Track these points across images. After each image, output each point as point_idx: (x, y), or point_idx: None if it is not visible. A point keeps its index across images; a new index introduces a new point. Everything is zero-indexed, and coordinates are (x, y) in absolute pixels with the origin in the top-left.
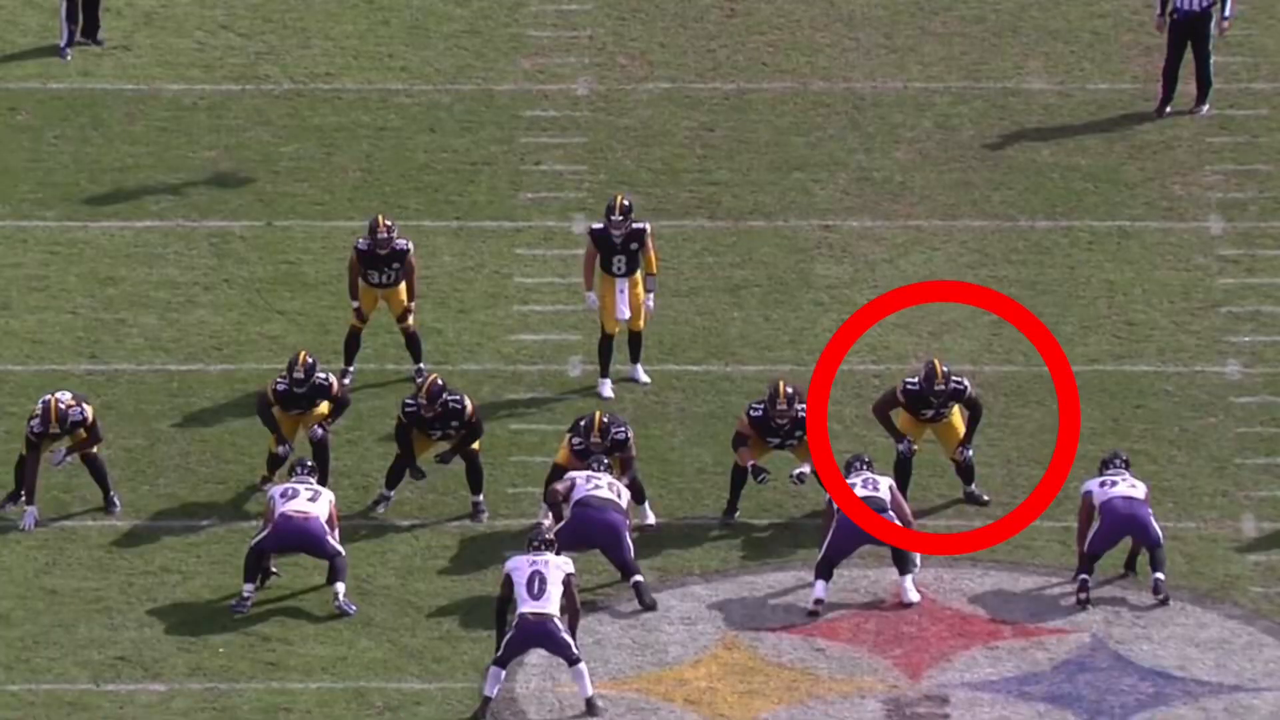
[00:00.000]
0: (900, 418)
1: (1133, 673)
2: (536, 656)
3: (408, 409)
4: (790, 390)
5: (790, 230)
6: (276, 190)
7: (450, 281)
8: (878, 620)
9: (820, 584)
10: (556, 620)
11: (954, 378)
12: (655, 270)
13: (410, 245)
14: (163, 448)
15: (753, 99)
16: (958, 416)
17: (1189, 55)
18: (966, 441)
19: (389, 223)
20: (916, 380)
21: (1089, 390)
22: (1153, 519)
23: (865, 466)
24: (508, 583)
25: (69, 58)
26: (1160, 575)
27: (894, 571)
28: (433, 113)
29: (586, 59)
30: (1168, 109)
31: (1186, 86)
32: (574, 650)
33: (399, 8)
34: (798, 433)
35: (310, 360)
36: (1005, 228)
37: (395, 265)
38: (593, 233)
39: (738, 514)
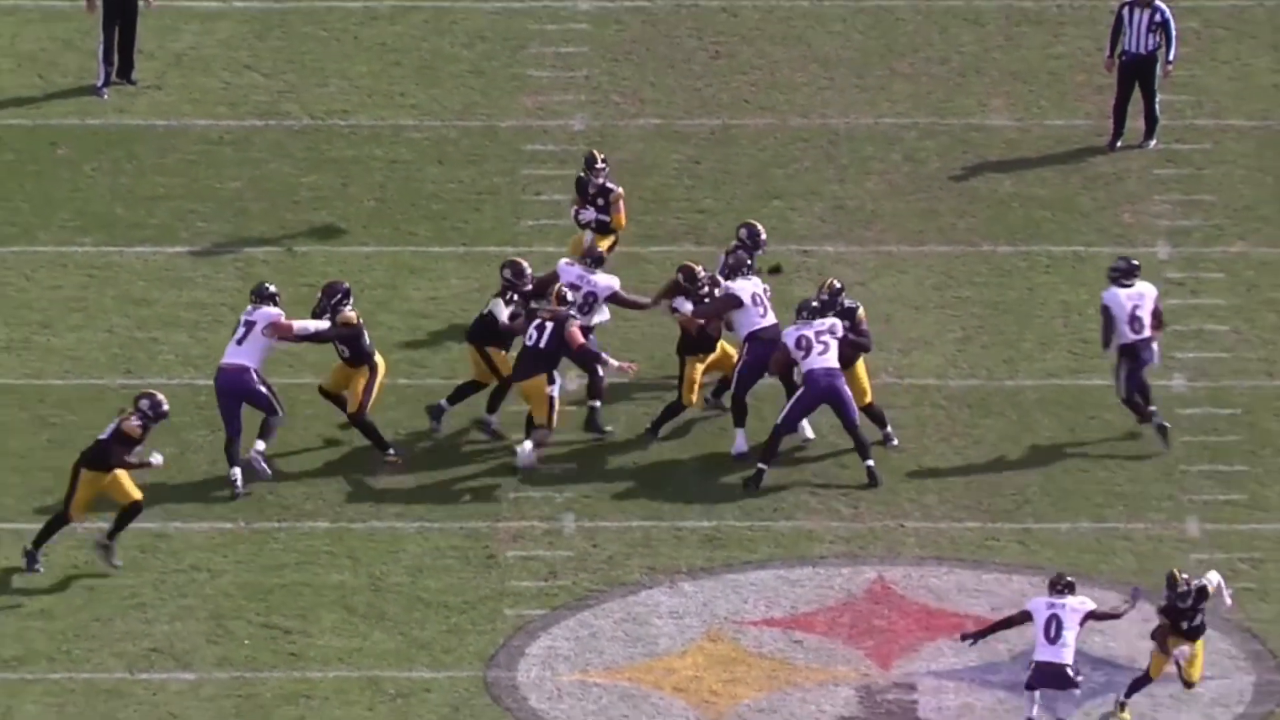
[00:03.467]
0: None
1: (1086, 663)
2: (536, 647)
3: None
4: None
5: (771, 254)
6: (296, 218)
7: (457, 302)
8: (851, 614)
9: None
10: (1070, 669)
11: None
12: (622, 226)
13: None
14: (192, 456)
15: (736, 134)
16: (862, 367)
17: (1137, 94)
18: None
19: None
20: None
21: (1047, 403)
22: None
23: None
24: (1022, 616)
25: (106, 96)
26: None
27: (866, 570)
28: (441, 146)
29: (583, 97)
30: (1119, 143)
31: (1135, 123)
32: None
33: (410, 50)
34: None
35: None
36: (969, 252)
37: None
38: (576, 180)
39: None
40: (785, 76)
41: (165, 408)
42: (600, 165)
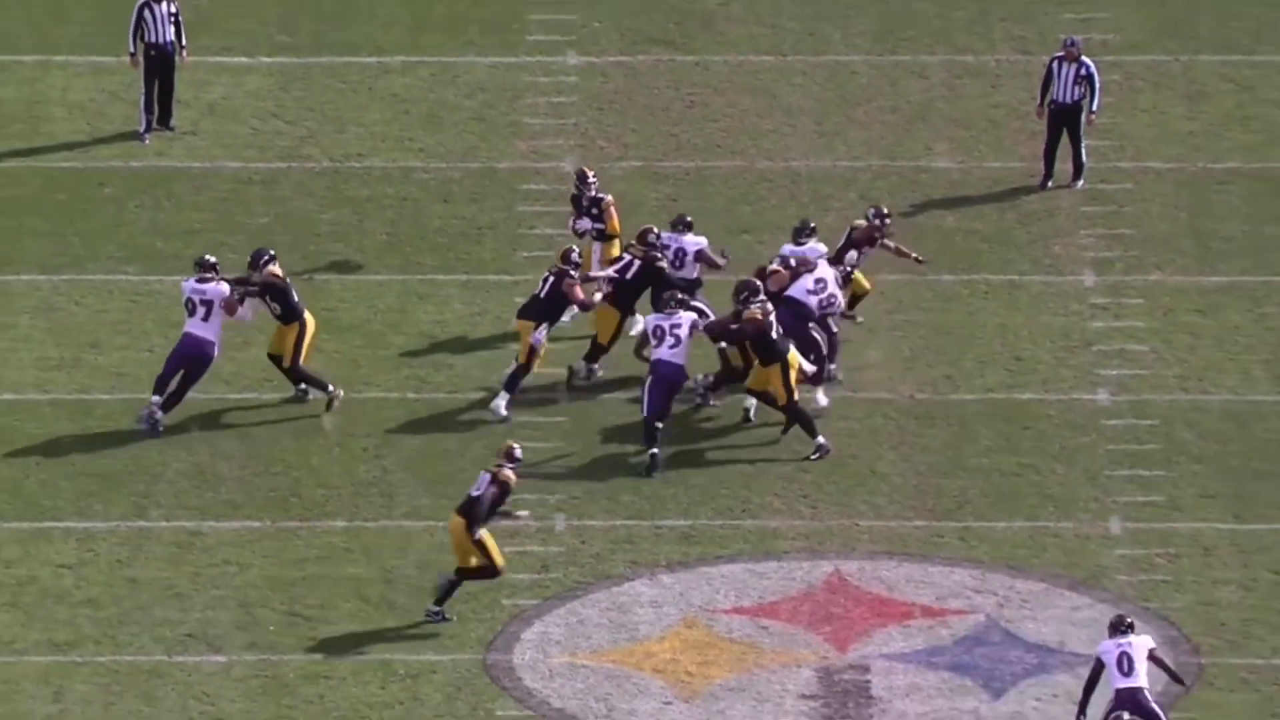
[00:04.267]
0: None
1: (1020, 646)
2: (530, 633)
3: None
4: None
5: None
6: (317, 250)
7: (460, 325)
8: (811, 604)
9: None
10: (1146, 692)
11: None
12: (618, 231)
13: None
14: (223, 462)
15: (708, 174)
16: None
17: (1065, 139)
18: None
19: None
20: None
21: (985, 415)
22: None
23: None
24: (1098, 665)
25: (147, 141)
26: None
27: (824, 564)
28: (446, 186)
29: (572, 142)
30: (1049, 183)
31: (1064, 165)
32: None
33: (418, 100)
34: None
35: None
36: (916, 280)
37: None
38: (571, 196)
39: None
40: (753, 124)
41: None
42: (591, 179)
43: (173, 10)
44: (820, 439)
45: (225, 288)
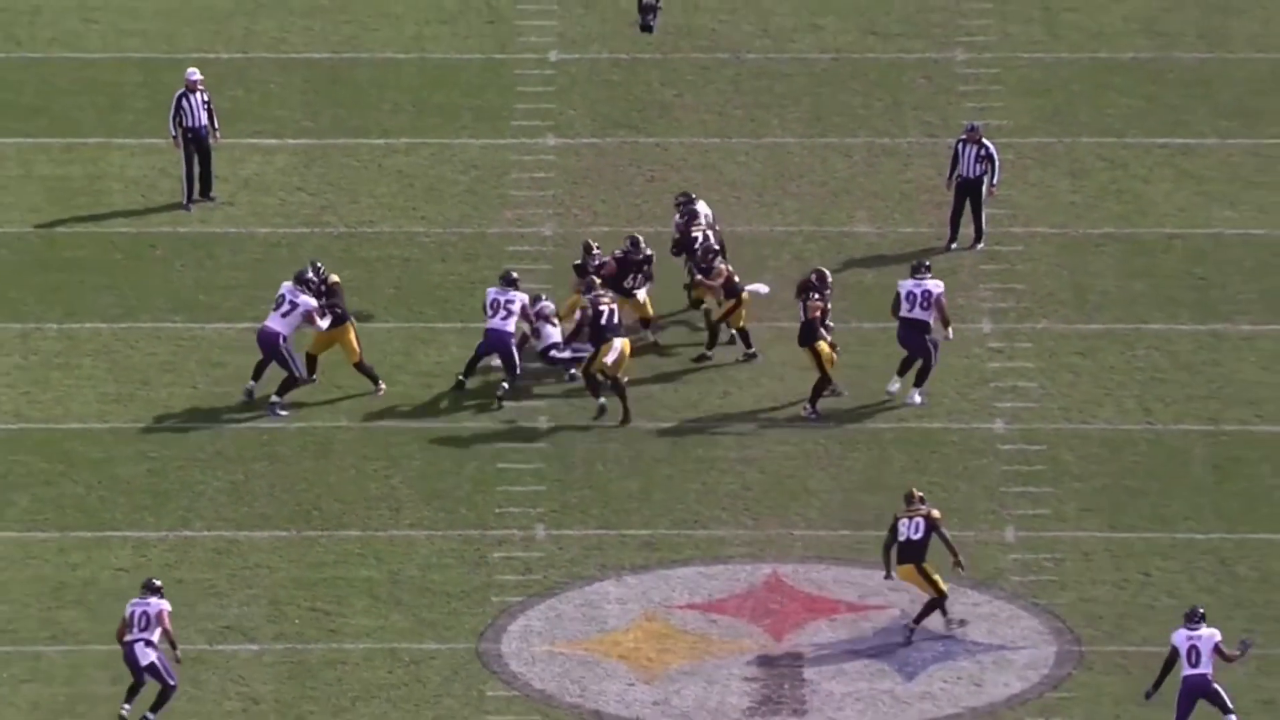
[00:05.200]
0: None
1: (929, 637)
2: (516, 626)
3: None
4: None
5: (690, 336)
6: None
7: (456, 365)
8: (753, 600)
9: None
10: (1210, 677)
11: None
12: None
13: None
14: (256, 481)
15: (666, 239)
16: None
17: (968, 208)
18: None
19: None
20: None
21: (899, 441)
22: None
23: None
24: (1173, 652)
25: (190, 210)
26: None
27: (764, 567)
28: (444, 248)
29: (550, 210)
30: (953, 245)
31: (966, 230)
32: (1226, 702)
33: (420, 175)
34: None
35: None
36: (842, 328)
37: None
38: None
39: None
40: (702, 195)
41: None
42: (596, 250)
43: (205, 99)
44: (835, 384)
45: (314, 302)
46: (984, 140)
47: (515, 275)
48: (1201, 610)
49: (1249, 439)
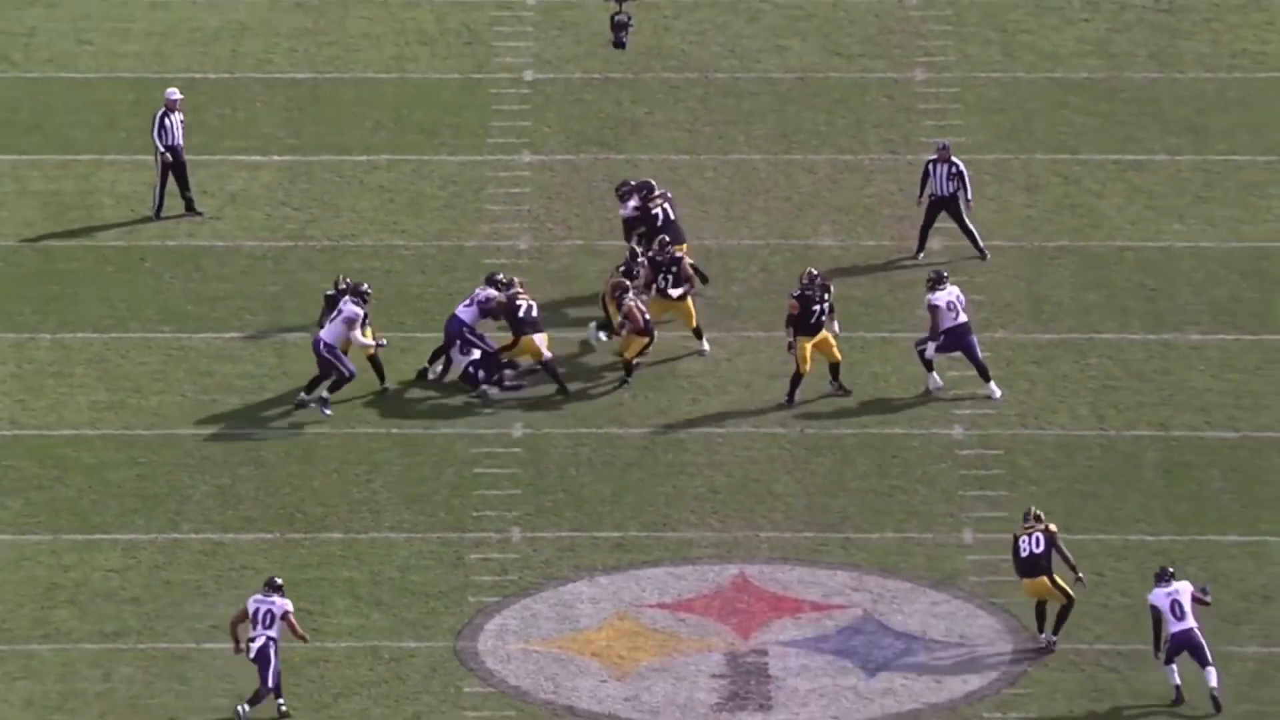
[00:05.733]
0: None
1: (890, 635)
2: (492, 624)
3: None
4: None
5: (664, 341)
6: (319, 312)
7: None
8: (720, 600)
9: None
10: (1196, 631)
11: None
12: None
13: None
14: (242, 485)
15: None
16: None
17: (949, 225)
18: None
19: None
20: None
21: (862, 446)
22: None
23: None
24: (1156, 612)
25: (161, 218)
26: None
27: (731, 568)
28: (423, 260)
29: (526, 224)
30: (921, 255)
31: (930, 243)
32: (1207, 655)
33: (400, 190)
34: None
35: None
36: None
37: None
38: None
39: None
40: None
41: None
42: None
43: (183, 119)
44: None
45: (360, 311)
46: (954, 159)
47: (499, 277)
48: (1170, 569)
49: (1198, 444)
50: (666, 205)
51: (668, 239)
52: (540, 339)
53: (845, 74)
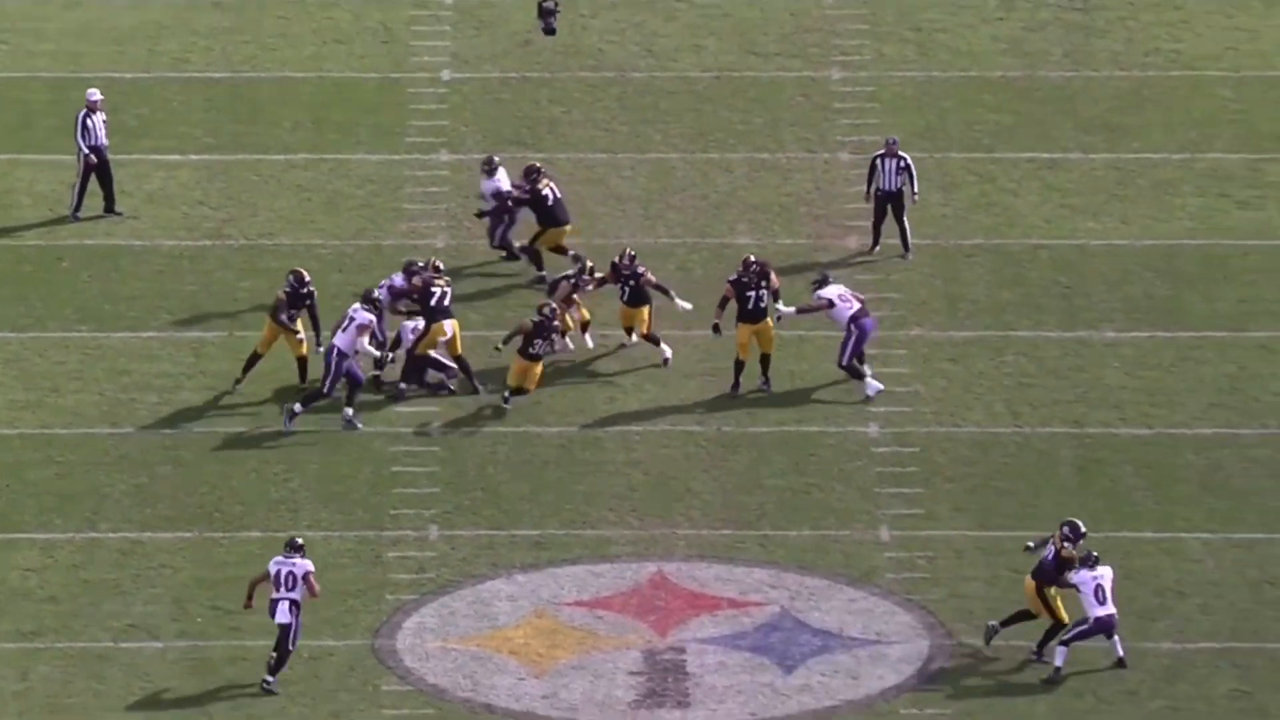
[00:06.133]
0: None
1: (807, 632)
2: (410, 623)
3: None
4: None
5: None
6: (236, 311)
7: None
8: (638, 598)
9: None
10: (1114, 616)
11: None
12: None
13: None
14: (161, 484)
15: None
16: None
17: (890, 220)
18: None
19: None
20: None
21: (778, 444)
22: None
23: None
24: (1076, 590)
25: (78, 218)
26: None
27: (649, 565)
28: (340, 259)
29: (443, 224)
30: (876, 249)
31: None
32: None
33: (318, 189)
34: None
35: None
36: (727, 335)
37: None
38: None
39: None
40: (590, 209)
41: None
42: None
43: (105, 119)
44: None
45: (372, 318)
46: (902, 153)
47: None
48: (1095, 553)
49: (1112, 441)
50: (553, 185)
51: (633, 253)
52: (450, 325)
53: (762, 73)
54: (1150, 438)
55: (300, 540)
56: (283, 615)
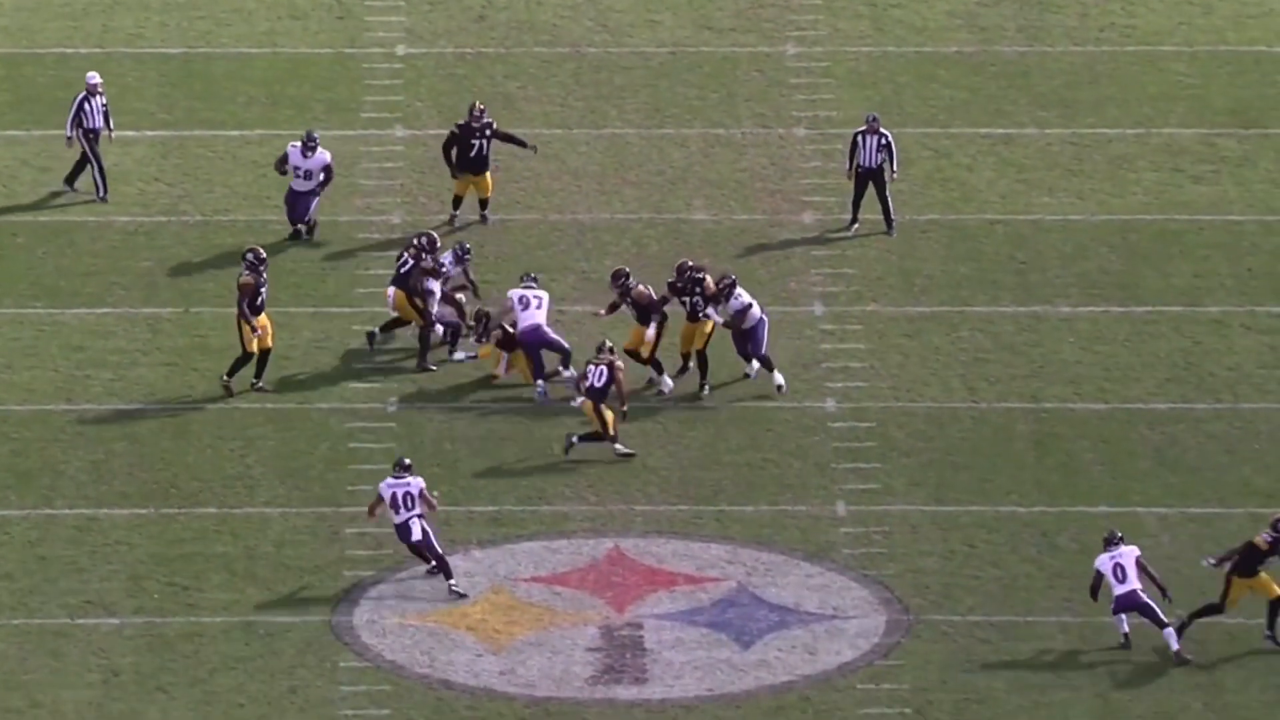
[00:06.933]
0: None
1: (764, 607)
2: (367, 599)
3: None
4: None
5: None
6: (192, 287)
7: (307, 348)
8: (595, 574)
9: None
10: (1140, 592)
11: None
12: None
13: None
14: (116, 460)
15: (510, 226)
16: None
17: (871, 197)
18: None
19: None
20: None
21: (735, 420)
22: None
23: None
24: (1097, 576)
25: (106, 199)
26: None
27: (606, 541)
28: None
29: (399, 199)
30: (855, 226)
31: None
32: (1160, 616)
33: (271, 165)
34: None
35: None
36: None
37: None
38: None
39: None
40: (545, 185)
41: None
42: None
43: (103, 103)
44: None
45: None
46: (882, 130)
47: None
48: (1119, 534)
49: (1068, 416)
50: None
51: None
52: (391, 292)
53: (717, 48)
54: (1106, 412)
55: (408, 460)
56: (416, 533)
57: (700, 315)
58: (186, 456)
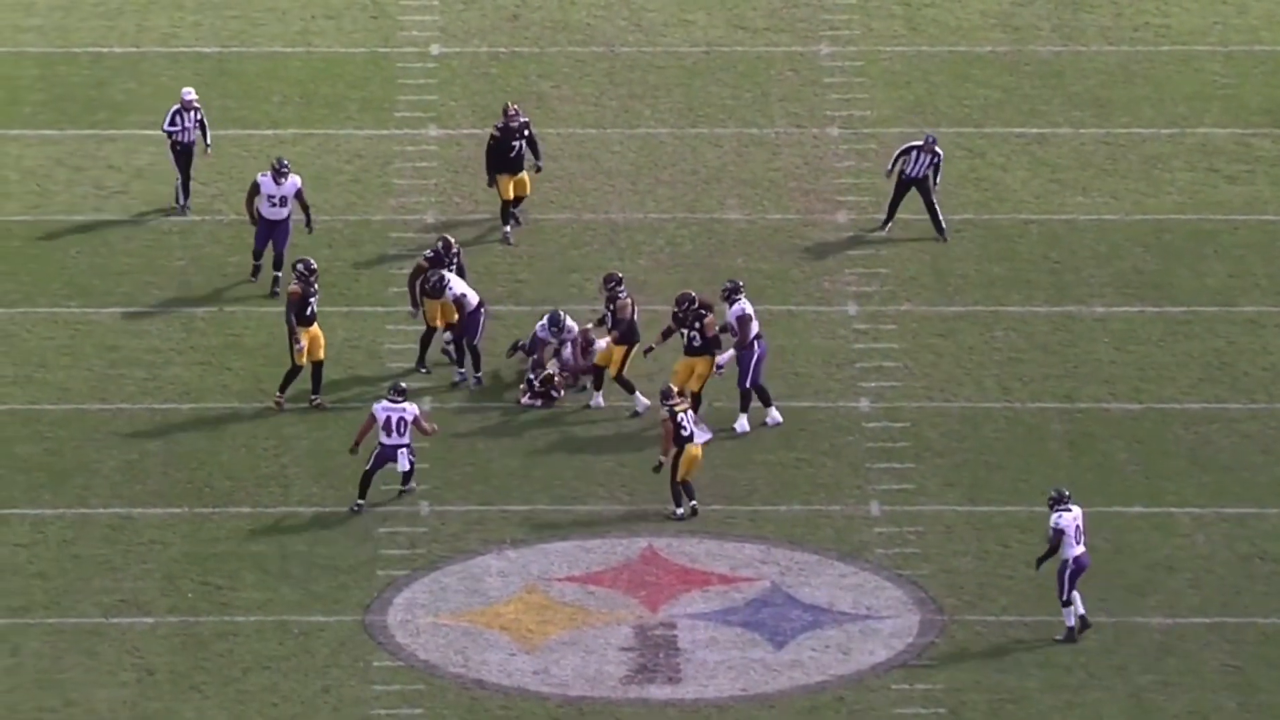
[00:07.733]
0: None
1: (798, 607)
2: (401, 598)
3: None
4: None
5: (571, 313)
6: (226, 286)
7: (341, 348)
8: (629, 573)
9: None
10: (1086, 554)
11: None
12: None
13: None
14: (150, 460)
15: (544, 225)
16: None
17: (920, 207)
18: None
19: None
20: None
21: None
22: None
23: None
24: (1058, 534)
25: (188, 212)
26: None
27: (640, 541)
28: (330, 234)
29: (433, 199)
30: (888, 226)
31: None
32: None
33: (307, 165)
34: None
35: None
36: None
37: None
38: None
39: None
40: (579, 184)
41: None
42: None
43: (199, 117)
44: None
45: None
46: (938, 149)
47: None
48: (1066, 491)
49: (1102, 416)
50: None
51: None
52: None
53: (750, 48)
54: (1140, 412)
55: (404, 385)
56: (403, 462)
57: (696, 348)
58: (220, 456)
